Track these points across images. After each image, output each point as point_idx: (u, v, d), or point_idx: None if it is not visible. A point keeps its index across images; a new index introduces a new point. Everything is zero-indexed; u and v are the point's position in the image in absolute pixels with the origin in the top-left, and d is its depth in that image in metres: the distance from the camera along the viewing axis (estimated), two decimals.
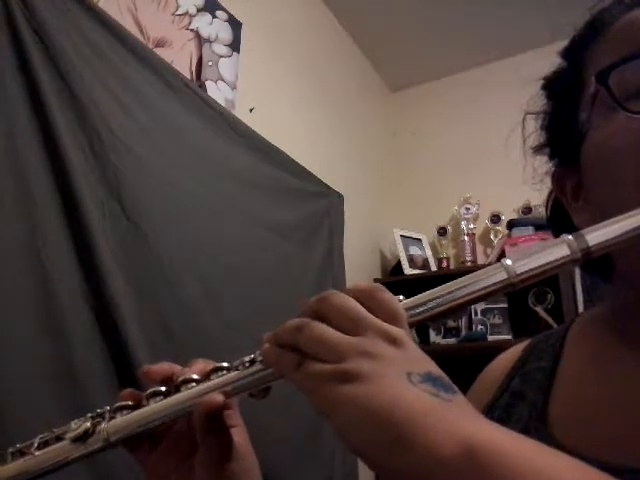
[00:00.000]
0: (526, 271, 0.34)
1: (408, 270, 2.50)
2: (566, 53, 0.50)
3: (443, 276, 2.44)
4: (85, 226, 1.20)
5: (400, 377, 0.29)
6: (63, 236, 1.18)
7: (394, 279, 2.55)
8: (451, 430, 0.27)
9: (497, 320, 2.33)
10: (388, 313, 0.33)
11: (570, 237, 0.35)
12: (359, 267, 2.42)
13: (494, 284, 0.34)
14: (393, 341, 0.31)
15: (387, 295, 0.34)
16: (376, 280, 2.53)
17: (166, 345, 1.33)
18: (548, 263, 0.34)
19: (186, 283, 1.45)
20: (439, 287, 0.36)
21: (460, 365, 2.04)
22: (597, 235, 0.34)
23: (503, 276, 0.34)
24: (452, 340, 2.38)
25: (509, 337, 2.27)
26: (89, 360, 1.16)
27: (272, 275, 1.78)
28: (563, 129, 0.48)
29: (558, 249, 0.34)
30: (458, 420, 0.28)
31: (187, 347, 1.37)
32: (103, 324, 1.20)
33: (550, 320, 2.15)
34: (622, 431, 0.40)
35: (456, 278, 0.36)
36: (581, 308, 2.08)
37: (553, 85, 0.52)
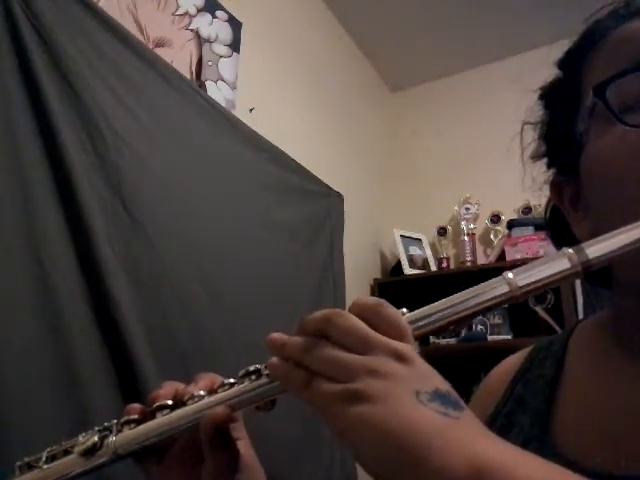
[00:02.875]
0: (527, 284, 0.35)
1: (408, 270, 2.51)
2: (562, 64, 0.51)
3: (443, 276, 2.45)
4: (86, 225, 1.20)
5: (409, 397, 0.30)
6: (63, 235, 1.18)
7: (394, 279, 2.55)
8: (461, 450, 0.27)
9: (497, 320, 2.33)
10: (393, 329, 0.34)
11: (570, 250, 0.35)
12: (359, 267, 2.43)
13: (496, 297, 0.35)
14: (401, 358, 0.32)
15: (391, 310, 0.35)
16: (376, 280, 2.54)
17: (167, 345, 1.33)
18: (549, 276, 0.34)
19: (188, 283, 1.45)
20: (442, 300, 0.36)
21: (460, 365, 2.05)
22: (597, 248, 0.35)
23: (505, 289, 0.35)
24: (452, 340, 2.39)
25: (509, 337, 2.27)
26: (89, 360, 1.16)
27: (273, 274, 1.78)
28: (561, 139, 0.49)
29: (559, 262, 0.35)
30: (467, 440, 0.28)
31: (188, 347, 1.38)
32: (104, 324, 1.20)
33: (550, 320, 2.15)
34: (625, 441, 0.40)
35: (456, 278, 0.36)
36: (581, 308, 2.08)
37: (550, 95, 0.52)
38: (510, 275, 0.35)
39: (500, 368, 0.58)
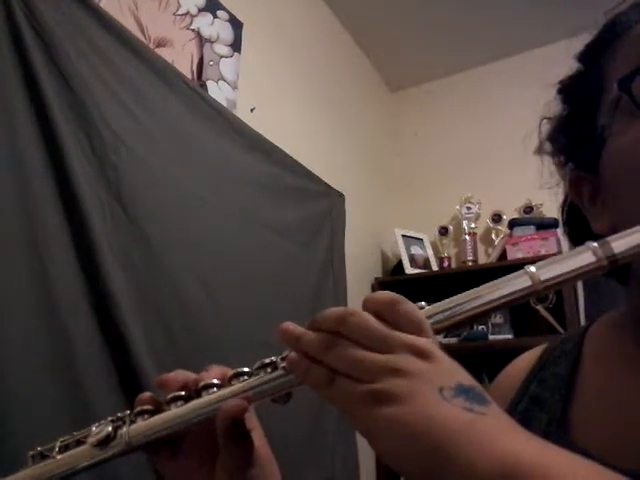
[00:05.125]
0: (550, 278, 0.33)
1: (409, 270, 2.50)
2: (583, 57, 0.50)
3: (444, 276, 2.44)
4: (86, 226, 1.20)
5: (433, 394, 0.29)
6: (63, 236, 1.17)
7: (395, 278, 2.55)
8: (489, 447, 0.27)
9: (498, 319, 2.32)
10: (413, 325, 0.33)
11: (595, 244, 0.34)
12: (360, 267, 2.42)
13: (518, 291, 0.34)
14: (422, 354, 0.31)
15: (409, 306, 0.34)
16: (377, 279, 2.54)
17: (167, 345, 1.33)
18: (573, 270, 0.33)
19: (187, 283, 1.44)
20: (461, 294, 0.35)
21: (461, 365, 2.04)
22: (623, 242, 0.34)
23: (527, 283, 0.34)
24: (453, 340, 2.38)
25: (510, 336, 2.26)
26: (89, 359, 1.15)
27: (273, 275, 1.78)
28: (581, 134, 0.48)
29: (583, 256, 0.34)
30: (495, 435, 0.28)
31: (188, 347, 1.37)
32: (103, 324, 1.20)
33: (551, 319, 2.14)
34: None
35: (457, 278, 0.35)
36: (582, 308, 2.07)
37: (570, 89, 0.51)
38: (532, 269, 0.34)
39: (512, 367, 0.57)
